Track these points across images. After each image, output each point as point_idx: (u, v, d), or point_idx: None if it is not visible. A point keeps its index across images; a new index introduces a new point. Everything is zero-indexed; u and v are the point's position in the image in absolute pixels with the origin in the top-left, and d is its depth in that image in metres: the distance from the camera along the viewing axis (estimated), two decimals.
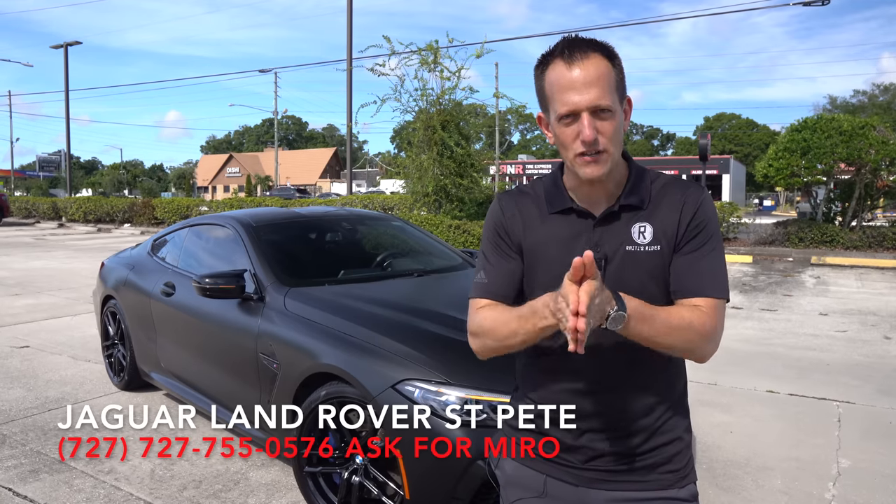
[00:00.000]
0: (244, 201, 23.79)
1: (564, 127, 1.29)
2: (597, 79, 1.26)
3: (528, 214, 1.43)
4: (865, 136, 13.88)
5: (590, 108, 1.26)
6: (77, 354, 5.97)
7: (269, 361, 3.26)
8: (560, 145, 1.34)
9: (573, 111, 1.27)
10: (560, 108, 1.28)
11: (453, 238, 13.56)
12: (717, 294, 1.34)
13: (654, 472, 1.39)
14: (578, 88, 1.26)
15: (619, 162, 1.36)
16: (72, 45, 31.86)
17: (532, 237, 1.42)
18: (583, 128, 1.26)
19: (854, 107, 57.67)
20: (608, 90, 1.27)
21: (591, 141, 1.26)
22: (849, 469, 3.59)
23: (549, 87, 1.31)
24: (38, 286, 10.07)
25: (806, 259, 13.81)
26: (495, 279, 1.43)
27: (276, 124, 61.50)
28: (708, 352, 1.33)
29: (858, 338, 6.76)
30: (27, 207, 29.94)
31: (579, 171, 1.32)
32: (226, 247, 4.10)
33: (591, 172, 1.30)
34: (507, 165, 52.23)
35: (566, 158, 1.34)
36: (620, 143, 1.33)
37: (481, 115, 15.37)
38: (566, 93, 1.27)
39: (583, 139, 1.27)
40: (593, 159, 1.29)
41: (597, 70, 1.27)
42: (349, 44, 21.39)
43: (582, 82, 1.26)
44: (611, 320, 1.19)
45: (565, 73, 1.27)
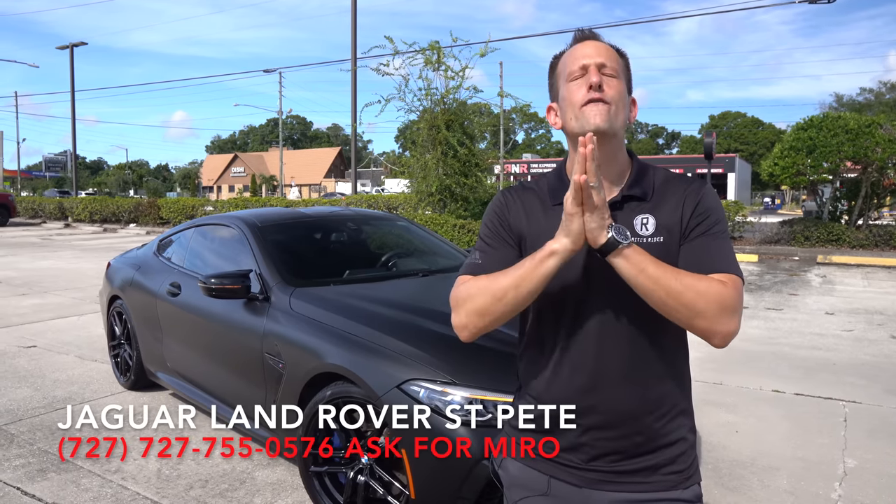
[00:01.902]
0: (249, 201, 23.86)
1: (573, 84, 1.37)
2: (607, 51, 1.38)
3: (530, 206, 1.45)
4: (872, 135, 13.82)
5: (598, 64, 1.36)
6: (84, 354, 5.99)
7: (274, 361, 3.27)
8: (567, 105, 1.37)
9: (583, 67, 1.36)
10: (571, 67, 1.37)
11: (458, 238, 13.56)
12: (732, 270, 1.31)
13: (658, 473, 1.39)
14: (589, 54, 1.37)
15: (621, 148, 1.41)
16: (77, 45, 31.95)
17: (534, 228, 1.42)
18: (590, 74, 1.34)
19: (861, 105, 57.38)
20: (616, 64, 1.38)
21: (597, 82, 1.33)
22: (855, 469, 3.59)
23: (562, 65, 1.41)
24: (44, 286, 10.12)
25: (812, 258, 13.76)
26: (489, 260, 1.42)
27: (281, 124, 61.63)
28: (726, 327, 1.26)
29: (865, 337, 6.74)
30: (34, 207, 30.08)
31: (584, 122, 1.33)
32: (231, 247, 4.12)
33: (596, 118, 1.32)
34: (512, 165, 52.18)
35: (571, 117, 1.36)
36: (624, 113, 1.37)
37: (486, 114, 15.35)
38: (578, 57, 1.38)
39: (590, 82, 1.33)
40: (598, 103, 1.33)
41: (607, 49, 1.39)
42: (353, 44, 21.41)
43: (593, 50, 1.38)
44: (613, 229, 1.23)
45: (578, 47, 1.40)
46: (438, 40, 13.60)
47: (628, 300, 1.32)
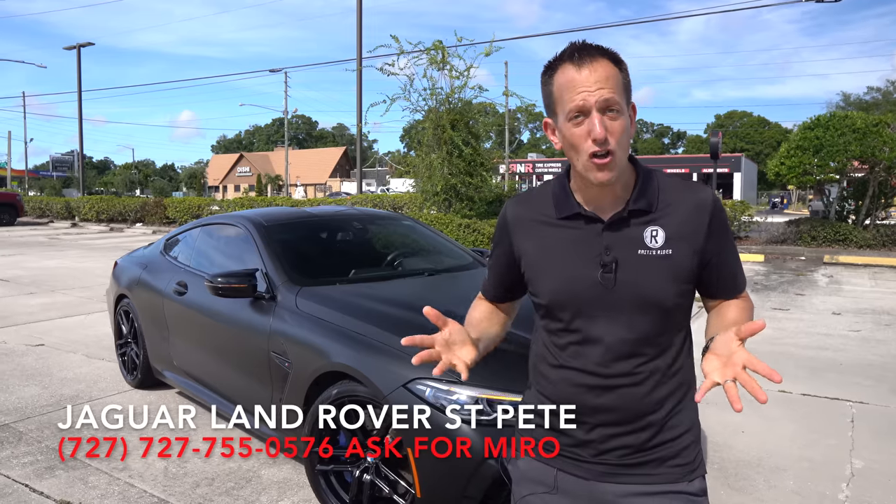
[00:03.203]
0: (255, 201, 23.90)
1: (574, 127, 1.31)
2: (605, 78, 1.29)
3: (535, 219, 1.46)
4: (879, 134, 13.75)
5: (599, 104, 1.28)
6: (91, 353, 6.02)
7: (280, 360, 3.28)
8: (569, 147, 1.34)
9: (583, 108, 1.28)
10: (569, 105, 1.30)
11: (463, 237, 13.57)
12: (745, 285, 1.51)
13: (664, 466, 1.41)
14: (588, 86, 1.28)
15: (626, 165, 1.37)
16: (84, 46, 32.06)
17: (538, 241, 1.44)
18: (593, 125, 1.28)
19: (868, 104, 57.04)
20: (616, 90, 1.30)
21: (601, 138, 1.27)
22: (862, 470, 3.57)
23: (557, 89, 1.33)
24: (52, 285, 10.17)
25: (818, 258, 13.71)
26: (489, 279, 1.64)
27: (287, 124, 61.72)
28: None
29: (872, 337, 6.71)
30: (41, 207, 30.21)
31: (590, 175, 1.33)
32: (237, 246, 4.13)
33: (602, 177, 1.32)
34: (517, 164, 52.12)
35: (576, 162, 1.35)
36: (628, 146, 1.34)
37: (491, 113, 15.34)
38: (576, 91, 1.29)
39: (594, 137, 1.28)
40: (604, 162, 1.30)
41: (605, 71, 1.29)
42: (359, 43, 21.43)
43: (591, 81, 1.28)
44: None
45: (574, 74, 1.30)
46: (442, 40, 13.59)
47: (635, 311, 1.36)
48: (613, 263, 1.35)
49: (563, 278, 1.39)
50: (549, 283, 1.41)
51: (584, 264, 1.37)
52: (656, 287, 1.35)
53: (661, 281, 1.35)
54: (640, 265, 1.35)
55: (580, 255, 1.37)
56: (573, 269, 1.38)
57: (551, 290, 1.41)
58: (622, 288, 1.35)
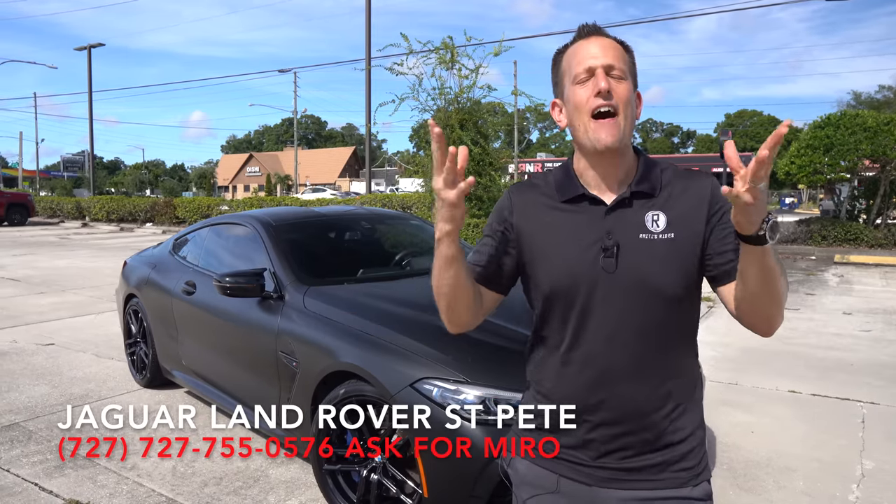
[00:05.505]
0: (264, 200, 23.98)
1: (579, 88, 1.34)
2: (612, 49, 1.35)
3: (534, 203, 1.45)
4: (891, 133, 13.64)
5: (605, 67, 1.33)
6: (100, 352, 6.06)
7: (288, 360, 3.28)
8: (573, 112, 1.36)
9: (590, 69, 1.33)
10: (576, 69, 1.34)
11: (472, 237, 13.55)
12: None
13: (668, 471, 1.38)
14: (595, 54, 1.34)
15: (629, 147, 1.39)
16: (95, 46, 32.24)
17: (540, 224, 1.42)
18: (598, 80, 1.31)
19: (879, 102, 56.54)
20: (623, 63, 1.35)
21: (605, 89, 1.30)
22: (873, 470, 3.54)
23: (566, 61, 1.39)
24: (62, 284, 10.24)
25: (829, 257, 13.61)
26: (478, 256, 1.48)
27: (296, 124, 61.94)
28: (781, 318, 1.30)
29: (883, 337, 6.66)
30: (52, 207, 30.44)
31: (593, 137, 1.33)
32: (246, 246, 4.14)
33: (605, 138, 1.32)
34: (526, 164, 52.06)
35: (579, 126, 1.35)
36: (632, 119, 1.35)
37: (500, 113, 15.33)
38: (583, 58, 1.35)
39: (598, 89, 1.31)
40: (608, 122, 1.31)
41: (613, 47, 1.36)
42: (368, 43, 21.46)
43: (598, 49, 1.34)
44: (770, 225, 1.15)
45: (583, 45, 1.36)
46: (451, 37, 13.59)
47: (637, 297, 1.33)
48: (615, 247, 1.34)
49: (564, 262, 1.37)
50: (549, 266, 1.39)
51: (587, 248, 1.35)
52: (657, 271, 1.33)
53: (662, 265, 1.33)
54: (641, 249, 1.34)
55: (582, 238, 1.36)
56: (575, 253, 1.36)
57: (552, 274, 1.38)
58: (623, 272, 1.33)
